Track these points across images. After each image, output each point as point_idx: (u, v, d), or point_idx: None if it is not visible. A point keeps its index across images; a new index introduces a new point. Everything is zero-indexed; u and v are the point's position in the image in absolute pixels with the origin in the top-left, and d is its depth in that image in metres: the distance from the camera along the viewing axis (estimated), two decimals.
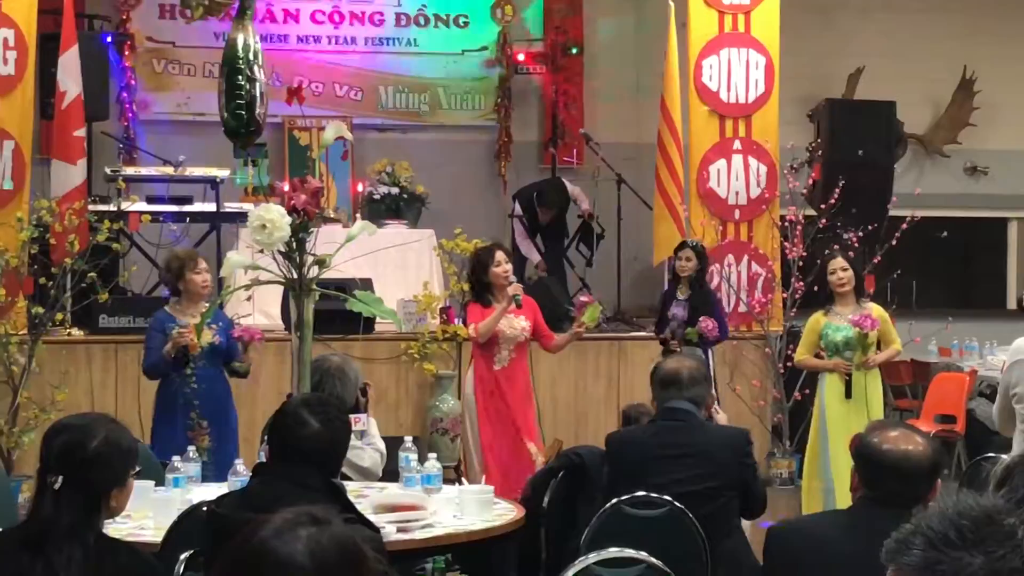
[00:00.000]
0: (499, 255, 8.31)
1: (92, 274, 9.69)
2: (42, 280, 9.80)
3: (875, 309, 8.63)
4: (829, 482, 8.44)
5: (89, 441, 3.55)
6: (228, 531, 3.76)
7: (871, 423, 4.22)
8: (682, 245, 9.88)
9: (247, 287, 5.86)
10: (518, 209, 12.59)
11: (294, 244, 5.51)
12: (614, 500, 5.23)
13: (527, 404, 8.56)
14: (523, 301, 8.28)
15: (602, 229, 12.53)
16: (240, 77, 5.54)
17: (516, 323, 8.27)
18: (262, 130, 6.96)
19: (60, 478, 3.50)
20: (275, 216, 5.37)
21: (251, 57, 5.63)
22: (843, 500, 8.20)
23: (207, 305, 7.63)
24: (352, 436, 4.62)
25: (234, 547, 2.39)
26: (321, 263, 5.49)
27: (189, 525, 4.76)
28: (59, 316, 9.88)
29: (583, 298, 8.78)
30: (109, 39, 12.62)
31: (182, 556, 4.57)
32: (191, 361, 7.49)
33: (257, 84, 5.71)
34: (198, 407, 7.48)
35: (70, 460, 3.53)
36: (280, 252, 5.53)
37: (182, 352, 7.43)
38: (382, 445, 6.50)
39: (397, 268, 11.39)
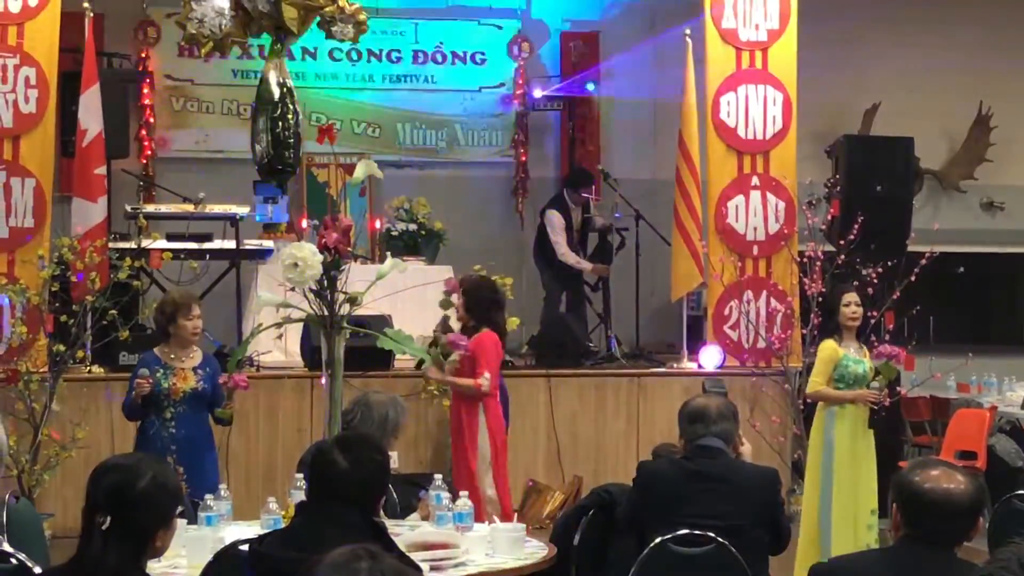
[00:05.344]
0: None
1: (113, 311, 9.71)
2: (63, 318, 9.81)
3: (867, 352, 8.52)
4: (827, 521, 8.21)
5: (137, 481, 3.55)
6: (274, 571, 3.77)
7: (913, 461, 4.19)
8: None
9: (278, 325, 5.86)
10: (555, 221, 12.50)
11: (325, 282, 5.54)
12: (658, 539, 5.22)
13: (463, 449, 8.29)
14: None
15: (622, 238, 12.45)
16: (284, 115, 5.56)
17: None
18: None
19: (108, 518, 3.50)
20: (307, 254, 5.39)
21: (291, 95, 5.66)
22: (840, 539, 8.03)
23: (196, 349, 7.65)
24: None
25: None
26: (353, 301, 5.51)
27: (225, 564, 4.75)
28: (80, 353, 9.90)
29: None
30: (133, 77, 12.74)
31: None
32: (171, 406, 7.48)
33: (298, 121, 5.73)
34: (175, 452, 7.38)
35: (119, 500, 3.52)
36: (311, 290, 5.55)
37: (146, 399, 7.44)
38: None
39: (415, 305, 11.36)
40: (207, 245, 11.11)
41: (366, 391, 6.65)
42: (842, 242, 10.97)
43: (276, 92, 5.62)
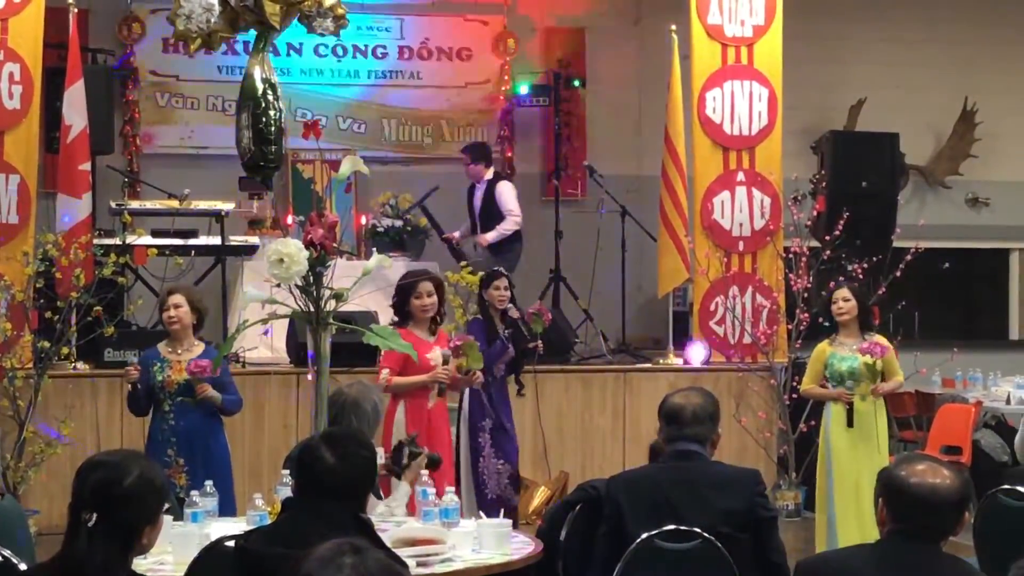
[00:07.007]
0: (422, 286, 8.15)
1: (98, 308, 9.69)
2: (48, 314, 9.79)
3: (881, 339, 8.65)
4: (831, 514, 8.43)
5: (124, 478, 3.54)
6: (260, 567, 3.77)
7: (899, 456, 4.20)
8: (498, 274, 9.28)
9: (264, 321, 5.85)
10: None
11: (311, 278, 5.53)
12: (644, 535, 5.19)
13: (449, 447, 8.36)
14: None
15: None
16: (266, 111, 5.54)
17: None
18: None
19: (94, 515, 3.49)
20: (293, 250, 5.38)
21: (274, 91, 5.64)
22: (844, 531, 8.20)
23: (197, 341, 7.78)
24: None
25: None
26: (339, 297, 5.51)
27: (211, 560, 4.74)
28: (64, 350, 9.88)
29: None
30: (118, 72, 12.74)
31: None
32: (167, 398, 7.56)
33: (281, 117, 5.72)
34: (174, 444, 7.56)
35: (105, 497, 3.51)
36: (297, 286, 5.54)
37: (136, 387, 7.60)
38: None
39: None
40: (192, 241, 11.12)
41: (339, 388, 6.58)
42: (827, 238, 10.99)
43: (259, 88, 5.59)
